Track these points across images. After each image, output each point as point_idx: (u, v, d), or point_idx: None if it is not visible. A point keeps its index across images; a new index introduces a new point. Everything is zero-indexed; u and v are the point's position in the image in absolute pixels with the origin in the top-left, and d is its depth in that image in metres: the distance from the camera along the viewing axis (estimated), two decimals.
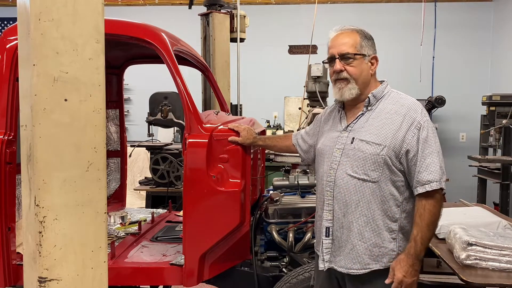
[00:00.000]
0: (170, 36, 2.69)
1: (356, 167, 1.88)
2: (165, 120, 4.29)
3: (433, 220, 1.83)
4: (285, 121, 7.41)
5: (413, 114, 1.87)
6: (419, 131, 1.84)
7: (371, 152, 1.85)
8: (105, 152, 1.55)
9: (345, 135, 1.95)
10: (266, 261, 2.78)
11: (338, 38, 1.96)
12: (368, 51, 1.95)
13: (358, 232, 1.88)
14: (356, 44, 1.93)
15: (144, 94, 5.12)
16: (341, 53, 1.93)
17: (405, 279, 1.80)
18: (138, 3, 7.64)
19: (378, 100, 1.95)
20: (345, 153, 1.91)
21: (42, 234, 1.45)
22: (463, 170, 6.48)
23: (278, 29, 7.45)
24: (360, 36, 1.95)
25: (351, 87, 1.93)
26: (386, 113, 1.90)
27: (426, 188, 1.81)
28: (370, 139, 1.87)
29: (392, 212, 1.87)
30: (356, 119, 1.96)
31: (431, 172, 1.81)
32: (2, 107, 2.44)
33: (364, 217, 1.87)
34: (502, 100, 5.52)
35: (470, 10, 7.25)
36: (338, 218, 1.92)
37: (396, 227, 1.89)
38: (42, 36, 1.41)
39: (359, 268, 1.89)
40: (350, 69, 1.92)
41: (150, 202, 4.85)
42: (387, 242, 1.88)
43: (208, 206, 2.40)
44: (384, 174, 1.85)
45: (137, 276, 2.50)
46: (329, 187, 1.94)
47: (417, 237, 1.81)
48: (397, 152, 1.84)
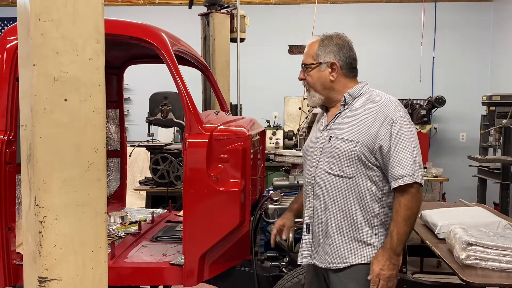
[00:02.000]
0: (170, 36, 2.69)
1: (332, 164, 1.94)
2: (165, 120, 4.29)
3: (409, 214, 1.85)
4: (285, 121, 7.40)
5: (386, 110, 1.91)
6: (391, 127, 1.88)
7: (345, 149, 1.91)
8: (105, 152, 1.55)
9: (324, 134, 2.02)
10: (266, 261, 2.78)
11: (306, 48, 2.07)
12: (324, 58, 2.00)
13: (336, 226, 1.93)
14: (313, 54, 2.02)
15: (144, 94, 5.11)
16: (302, 63, 2.07)
17: (382, 271, 1.84)
18: (138, 3, 7.64)
19: (354, 98, 2.00)
20: (324, 151, 1.98)
21: (42, 234, 1.45)
22: (463, 170, 6.47)
23: (278, 29, 7.45)
24: (318, 45, 2.02)
25: (312, 94, 2.05)
26: (361, 110, 1.96)
27: (399, 182, 1.84)
28: (345, 136, 1.93)
29: (371, 207, 1.92)
30: (334, 118, 2.03)
31: (403, 166, 1.85)
32: (2, 107, 2.44)
33: (341, 212, 1.93)
34: (502, 100, 5.53)
35: (470, 10, 7.24)
36: (317, 214, 1.99)
37: (377, 222, 1.93)
38: (42, 36, 1.41)
39: (339, 262, 1.94)
40: (308, 78, 2.05)
41: (150, 202, 4.84)
42: (367, 236, 1.92)
43: (208, 206, 2.40)
44: (359, 170, 1.90)
45: (137, 276, 2.50)
46: (309, 185, 2.02)
47: (393, 232, 1.85)
48: (371, 148, 1.89)
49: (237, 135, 2.52)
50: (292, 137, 6.23)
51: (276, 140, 6.68)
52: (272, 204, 2.81)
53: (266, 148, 3.87)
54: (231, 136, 2.49)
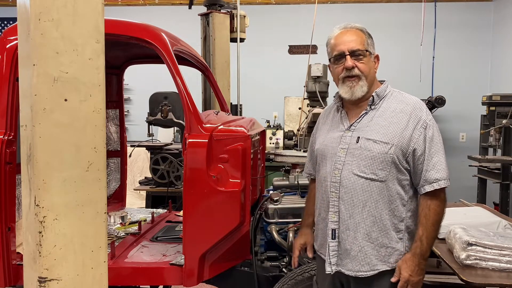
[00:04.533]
0: (170, 36, 2.69)
1: (364, 166, 1.85)
2: (165, 120, 4.29)
3: (437, 219, 1.84)
4: (285, 121, 7.40)
5: (418, 113, 1.87)
6: (425, 130, 1.85)
7: (379, 151, 1.83)
8: (105, 152, 1.55)
9: (349, 135, 1.91)
10: (266, 261, 2.78)
11: (345, 36, 1.91)
12: (372, 49, 1.94)
13: (366, 232, 1.85)
14: (364, 42, 1.91)
15: (144, 94, 5.11)
16: (351, 50, 1.88)
17: (412, 278, 1.81)
18: (138, 3, 7.64)
19: (381, 99, 1.93)
20: (350, 152, 1.88)
21: (42, 234, 1.44)
22: (463, 170, 6.47)
23: (278, 29, 7.44)
24: (365, 34, 1.94)
25: (362, 84, 1.89)
26: (391, 111, 1.88)
27: (434, 186, 1.83)
28: (377, 137, 1.84)
29: (399, 212, 1.86)
30: (359, 118, 1.92)
31: (438, 170, 1.83)
32: (2, 107, 2.44)
33: (371, 217, 1.85)
34: (502, 100, 5.52)
35: (470, 10, 7.24)
36: (344, 219, 1.89)
37: (402, 226, 1.88)
38: (42, 36, 1.41)
39: (368, 270, 1.86)
40: (361, 65, 1.88)
41: (150, 202, 4.85)
42: (394, 242, 1.87)
43: (208, 206, 2.40)
44: (391, 173, 1.84)
45: (137, 276, 2.50)
46: (334, 188, 1.90)
47: (422, 236, 1.82)
48: (404, 151, 1.84)
49: (237, 135, 2.52)
50: (292, 137, 6.22)
51: (276, 140, 6.68)
52: (272, 204, 2.81)
53: (266, 148, 3.87)
54: (231, 136, 2.49)
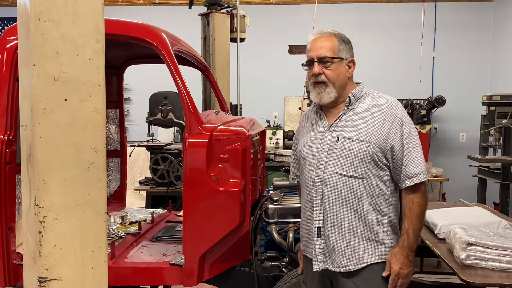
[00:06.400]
0: (170, 36, 2.69)
1: (344, 165, 1.92)
2: (165, 120, 4.29)
3: (421, 211, 1.92)
4: (285, 121, 7.40)
5: (394, 111, 1.95)
6: (401, 127, 1.93)
7: (358, 149, 1.90)
8: (105, 152, 1.55)
9: (329, 135, 1.98)
10: (266, 261, 2.78)
11: (317, 42, 1.98)
12: (345, 54, 1.98)
13: (351, 228, 1.92)
14: (334, 48, 1.96)
15: (144, 94, 5.11)
16: (319, 57, 1.95)
17: (402, 270, 1.89)
18: (138, 3, 7.64)
19: (358, 99, 2.01)
20: (331, 152, 1.95)
21: (42, 234, 1.45)
22: (463, 170, 6.47)
23: (278, 29, 7.44)
24: (338, 40, 1.98)
25: (329, 90, 1.96)
26: (368, 111, 1.97)
27: (414, 180, 1.91)
28: (356, 136, 1.92)
29: (381, 207, 1.94)
30: (338, 118, 2.00)
31: (417, 165, 1.91)
32: (2, 107, 2.44)
33: (355, 213, 1.92)
34: (502, 100, 5.53)
35: (470, 10, 7.24)
36: (328, 217, 1.95)
37: (385, 220, 1.95)
38: (42, 36, 1.41)
39: (355, 263, 1.93)
40: (328, 72, 1.95)
41: (150, 202, 4.84)
42: (379, 235, 1.94)
43: (208, 206, 2.40)
44: (371, 170, 1.91)
45: (137, 276, 2.50)
46: (317, 188, 1.96)
47: (409, 229, 1.90)
48: (382, 148, 1.91)
49: (237, 135, 2.52)
50: (292, 137, 6.23)
51: (276, 140, 6.68)
52: (272, 204, 2.81)
53: (266, 148, 3.87)
54: (231, 136, 2.49)
